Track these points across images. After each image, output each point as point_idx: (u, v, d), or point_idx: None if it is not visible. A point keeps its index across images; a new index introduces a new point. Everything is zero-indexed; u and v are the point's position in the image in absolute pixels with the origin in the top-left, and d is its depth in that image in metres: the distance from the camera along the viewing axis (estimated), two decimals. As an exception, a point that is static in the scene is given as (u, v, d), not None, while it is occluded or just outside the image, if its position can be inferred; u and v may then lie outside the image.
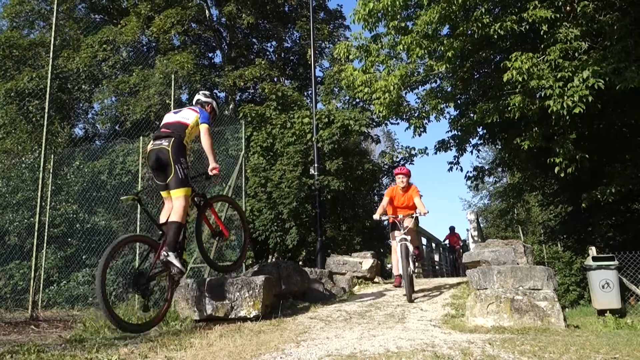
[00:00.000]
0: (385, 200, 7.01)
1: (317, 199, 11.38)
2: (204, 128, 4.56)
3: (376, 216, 6.83)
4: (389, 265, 15.74)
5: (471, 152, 12.39)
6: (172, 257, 4.24)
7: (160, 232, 4.48)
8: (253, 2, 18.52)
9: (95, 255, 9.35)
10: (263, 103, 14.74)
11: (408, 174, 7.04)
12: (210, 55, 20.73)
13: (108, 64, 16.28)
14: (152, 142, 4.54)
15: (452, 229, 17.39)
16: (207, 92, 5.13)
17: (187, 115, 4.67)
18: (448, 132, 11.75)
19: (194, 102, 5.01)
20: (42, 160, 6.11)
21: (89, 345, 3.63)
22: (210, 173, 4.63)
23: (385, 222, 10.24)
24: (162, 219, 4.52)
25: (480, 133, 12.18)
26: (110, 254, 4.05)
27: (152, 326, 4.29)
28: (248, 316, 4.52)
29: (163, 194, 4.60)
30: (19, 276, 9.41)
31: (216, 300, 4.58)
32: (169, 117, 4.76)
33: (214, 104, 5.04)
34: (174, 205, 4.39)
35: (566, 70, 8.16)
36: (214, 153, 4.64)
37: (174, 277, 4.46)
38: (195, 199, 4.82)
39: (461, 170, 12.25)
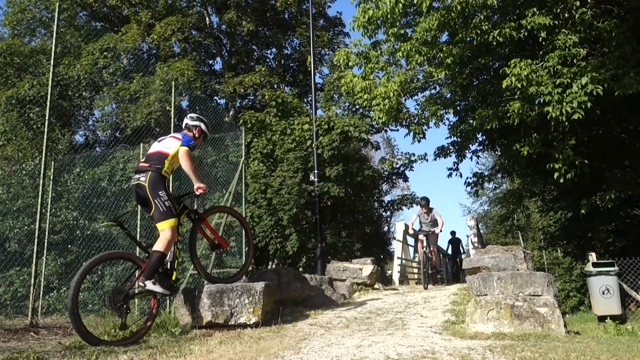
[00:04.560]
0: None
1: (317, 205, 11.38)
2: (182, 151, 4.50)
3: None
4: (389, 272, 15.71)
5: (471, 158, 12.40)
6: (149, 285, 4.23)
7: (147, 255, 4.49)
8: (253, 10, 18.62)
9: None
10: (263, 110, 14.78)
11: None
12: (210, 62, 20.84)
13: (109, 71, 16.33)
14: (134, 175, 4.57)
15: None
16: (194, 115, 5.00)
17: (169, 145, 4.63)
18: (447, 138, 11.78)
19: (183, 126, 4.95)
20: (42, 167, 6.12)
21: (88, 352, 3.62)
22: (196, 193, 4.61)
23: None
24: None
25: (480, 139, 12.21)
26: (85, 271, 4.04)
27: (129, 342, 4.09)
28: (248, 323, 4.52)
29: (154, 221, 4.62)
30: (19, 283, 9.40)
31: (216, 306, 4.57)
32: (153, 147, 4.74)
33: (202, 126, 4.91)
34: (159, 236, 4.39)
35: (565, 77, 8.19)
36: (197, 173, 4.60)
37: (157, 298, 4.47)
38: (190, 215, 4.82)
39: (461, 176, 12.27)
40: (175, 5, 18.10)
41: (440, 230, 9.37)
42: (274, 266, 12.78)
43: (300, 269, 11.44)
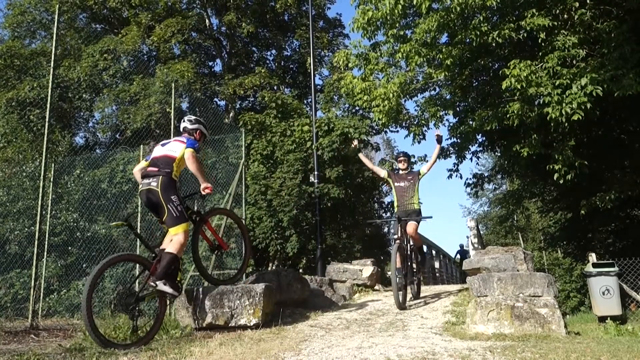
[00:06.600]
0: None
1: (317, 206, 11.37)
2: (188, 152, 4.53)
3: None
4: (389, 273, 15.70)
5: (470, 159, 12.42)
6: (161, 286, 4.24)
7: (154, 255, 4.49)
8: (253, 11, 18.63)
9: (96, 264, 9.35)
10: (263, 111, 14.78)
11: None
12: (210, 63, 20.84)
13: (109, 73, 16.33)
14: (141, 180, 4.57)
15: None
16: (192, 118, 5.01)
17: (174, 148, 4.66)
18: (447, 139, 11.78)
19: (181, 129, 4.96)
20: (42, 169, 6.12)
21: (88, 354, 3.63)
22: (203, 192, 4.64)
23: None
24: (164, 245, 4.53)
25: (480, 140, 12.21)
26: (98, 273, 4.05)
27: (140, 345, 4.13)
28: (248, 324, 4.52)
29: (162, 225, 4.62)
30: (20, 285, 9.40)
31: (216, 308, 4.57)
32: (157, 151, 4.75)
33: (202, 128, 4.96)
34: (172, 239, 4.40)
35: (564, 78, 8.19)
36: (203, 173, 4.64)
37: (166, 299, 4.49)
38: (192, 216, 4.83)
39: (461, 177, 12.28)
40: (175, 7, 18.11)
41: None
42: (274, 268, 12.77)
43: (301, 271, 11.43)
